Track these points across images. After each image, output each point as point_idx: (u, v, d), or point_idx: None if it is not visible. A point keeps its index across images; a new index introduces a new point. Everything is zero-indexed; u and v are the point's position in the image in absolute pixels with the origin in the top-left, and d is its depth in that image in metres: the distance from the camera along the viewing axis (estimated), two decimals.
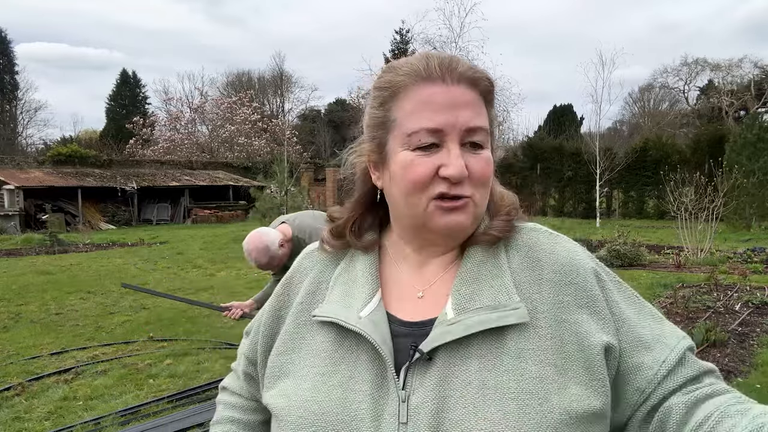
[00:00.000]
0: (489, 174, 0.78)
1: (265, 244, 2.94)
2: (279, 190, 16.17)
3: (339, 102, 42.95)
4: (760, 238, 13.69)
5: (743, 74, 34.90)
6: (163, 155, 32.18)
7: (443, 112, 0.75)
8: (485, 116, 0.79)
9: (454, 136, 0.75)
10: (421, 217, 0.78)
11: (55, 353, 5.54)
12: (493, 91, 0.81)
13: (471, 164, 0.76)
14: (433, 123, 0.75)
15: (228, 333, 6.10)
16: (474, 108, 0.77)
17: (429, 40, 29.14)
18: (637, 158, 21.70)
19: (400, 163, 0.77)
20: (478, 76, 0.78)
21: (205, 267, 11.31)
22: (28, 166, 23.52)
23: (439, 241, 0.82)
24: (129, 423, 3.88)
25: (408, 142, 0.76)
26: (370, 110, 0.82)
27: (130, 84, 45.05)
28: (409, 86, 0.77)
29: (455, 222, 0.77)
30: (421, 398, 0.70)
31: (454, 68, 0.77)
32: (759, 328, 5.94)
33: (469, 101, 0.77)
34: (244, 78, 44.76)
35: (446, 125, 0.75)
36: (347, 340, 0.78)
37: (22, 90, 41.66)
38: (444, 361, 0.72)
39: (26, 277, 10.24)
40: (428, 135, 0.75)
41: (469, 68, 0.79)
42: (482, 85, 0.79)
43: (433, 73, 0.76)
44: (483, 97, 0.79)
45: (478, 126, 0.76)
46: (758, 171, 15.97)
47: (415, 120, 0.76)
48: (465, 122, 0.75)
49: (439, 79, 0.76)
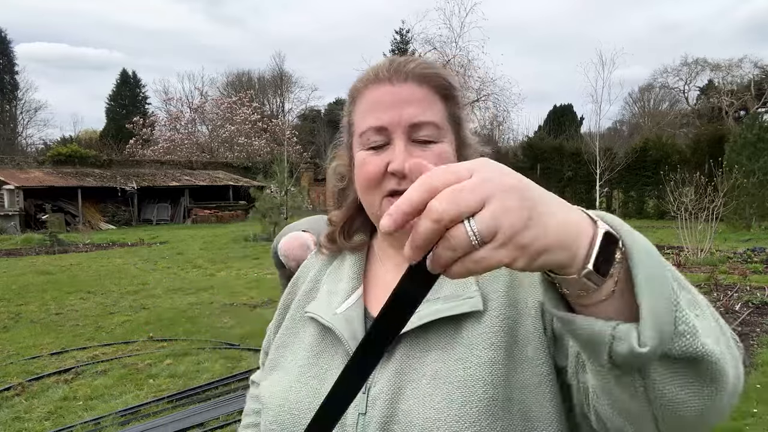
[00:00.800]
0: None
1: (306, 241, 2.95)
2: (279, 190, 16.16)
3: (339, 102, 42.94)
4: (760, 238, 13.69)
5: (743, 74, 34.96)
6: (163, 155, 32.18)
7: (388, 111, 0.77)
8: (437, 112, 0.79)
9: (399, 133, 0.77)
10: (377, 215, 0.80)
11: (55, 353, 5.54)
12: (450, 88, 0.81)
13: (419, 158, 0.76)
14: (379, 121, 0.78)
15: (228, 333, 6.11)
16: (421, 104, 0.78)
17: (429, 39, 29.19)
18: (637, 158, 21.71)
19: (357, 164, 0.81)
20: (428, 73, 0.79)
21: (205, 267, 11.31)
22: (28, 166, 23.52)
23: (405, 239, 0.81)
24: (129, 423, 3.88)
25: (361, 143, 0.80)
26: (343, 116, 0.88)
27: (130, 84, 45.07)
28: (363, 90, 0.82)
29: None
30: (379, 389, 0.73)
31: (403, 68, 0.79)
32: (759, 328, 5.94)
33: (416, 98, 0.78)
34: (244, 78, 44.78)
35: (390, 123, 0.77)
36: (329, 335, 0.82)
37: (22, 90, 41.73)
38: (403, 354, 0.75)
39: (26, 277, 10.24)
40: (375, 133, 0.78)
41: (421, 66, 0.80)
42: (434, 82, 0.80)
43: (381, 75, 0.80)
44: (437, 94, 0.80)
45: (423, 121, 0.77)
46: (758, 171, 15.97)
47: (364, 120, 0.80)
48: (409, 118, 0.77)
49: (386, 80, 0.79)
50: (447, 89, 0.81)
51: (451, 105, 0.82)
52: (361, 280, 0.86)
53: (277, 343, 0.90)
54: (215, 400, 4.21)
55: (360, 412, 0.73)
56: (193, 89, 43.10)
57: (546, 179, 24.76)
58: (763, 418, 3.78)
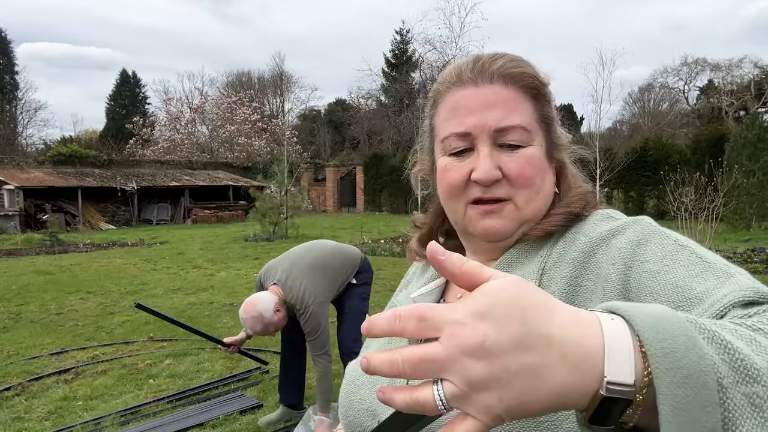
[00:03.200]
0: (529, 173, 0.74)
1: (259, 312, 2.94)
2: (279, 190, 16.14)
3: (339, 102, 42.96)
4: (760, 238, 13.69)
5: (743, 74, 34.93)
6: (163, 155, 32.17)
7: (471, 115, 0.74)
8: (524, 114, 0.75)
9: (484, 138, 0.74)
10: (461, 222, 0.79)
11: (55, 353, 5.54)
12: (542, 87, 0.77)
13: (506, 165, 0.74)
14: (461, 127, 0.75)
15: (228, 333, 6.10)
16: (507, 106, 0.74)
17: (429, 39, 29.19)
18: (637, 158, 21.70)
19: (439, 170, 0.79)
20: (516, 72, 0.75)
21: (205, 267, 11.31)
22: (28, 166, 23.51)
23: (485, 246, 0.81)
24: (129, 423, 3.88)
25: (443, 148, 0.78)
26: (425, 119, 0.85)
27: (130, 84, 45.08)
28: (445, 93, 0.78)
29: (489, 227, 0.76)
30: None
31: (488, 68, 0.75)
32: None
33: (501, 100, 0.74)
34: (244, 78, 44.77)
35: (474, 128, 0.74)
36: None
37: (22, 90, 41.71)
38: None
39: (26, 277, 10.24)
40: (458, 140, 0.75)
41: (507, 64, 0.75)
42: (522, 81, 0.75)
43: (464, 76, 0.76)
44: (526, 93, 0.76)
45: (509, 125, 0.73)
46: (758, 171, 15.97)
47: (446, 126, 0.77)
48: (494, 123, 0.73)
49: (470, 82, 0.75)
50: (536, 88, 0.76)
51: (542, 104, 0.77)
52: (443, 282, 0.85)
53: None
54: (215, 400, 4.21)
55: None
56: (193, 89, 43.14)
57: None
58: None
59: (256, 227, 16.57)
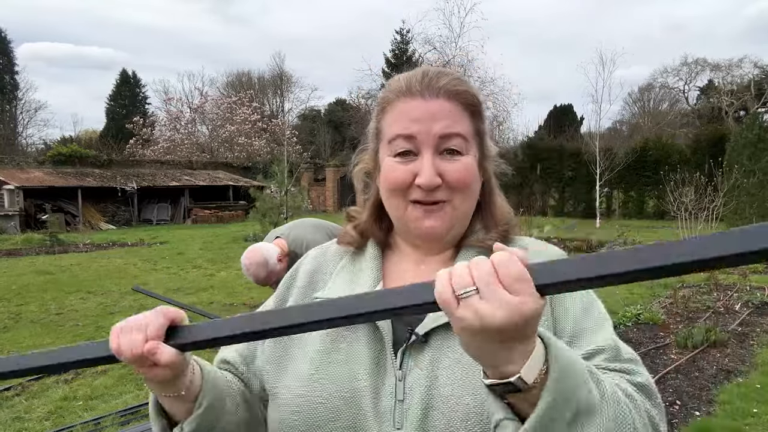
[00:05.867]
0: (466, 179, 0.84)
1: (264, 257, 2.93)
2: (279, 190, 16.15)
3: (339, 102, 42.95)
4: None
5: (743, 74, 34.94)
6: (163, 155, 32.15)
7: (418, 122, 0.82)
8: (464, 125, 0.84)
9: (428, 144, 0.82)
10: (402, 219, 0.87)
11: None
12: (478, 105, 0.87)
13: (446, 170, 0.82)
14: (408, 130, 0.83)
15: None
16: (451, 118, 0.83)
17: (429, 40, 29.20)
18: (637, 158, 21.70)
19: (384, 169, 0.86)
20: (458, 90, 0.84)
21: (205, 267, 11.31)
22: (28, 166, 23.51)
23: (424, 244, 0.89)
24: (129, 423, 3.88)
25: (389, 149, 0.85)
26: (371, 123, 0.92)
27: (130, 84, 45.05)
28: (394, 101, 0.86)
29: (429, 227, 0.84)
30: (416, 377, 0.77)
31: (435, 83, 0.84)
32: (759, 328, 5.94)
33: (446, 112, 0.83)
34: (244, 78, 44.75)
35: (420, 132, 0.82)
36: None
37: (22, 90, 41.68)
38: (438, 343, 0.79)
39: (26, 277, 10.24)
40: (404, 141, 0.83)
41: (453, 82, 0.85)
42: (463, 98, 0.85)
43: (414, 89, 0.84)
44: (466, 109, 0.85)
45: (452, 132, 0.82)
46: (758, 171, 15.97)
47: (394, 128, 0.85)
48: (439, 130, 0.82)
49: (419, 94, 0.84)
50: (474, 105, 0.86)
51: (477, 120, 0.87)
52: (381, 274, 0.90)
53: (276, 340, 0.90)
54: None
55: (398, 399, 0.76)
56: (193, 89, 43.12)
57: (546, 179, 24.77)
58: (763, 418, 3.78)
59: (256, 227, 16.56)
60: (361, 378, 0.78)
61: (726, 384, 4.41)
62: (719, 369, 4.76)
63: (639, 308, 6.50)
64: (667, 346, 5.36)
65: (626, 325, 6.08)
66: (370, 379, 0.78)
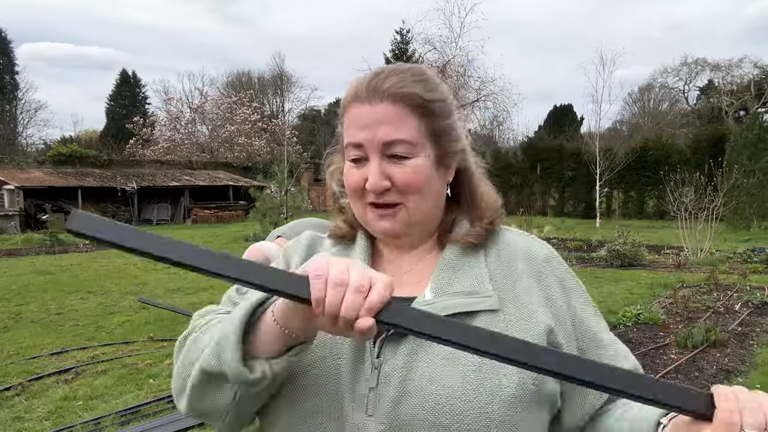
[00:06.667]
0: (415, 181, 0.84)
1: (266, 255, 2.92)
2: (279, 190, 16.16)
3: (339, 102, 42.85)
4: (760, 238, 13.70)
5: (743, 74, 34.92)
6: (163, 155, 32.15)
7: (364, 130, 0.84)
8: (409, 129, 0.83)
9: (374, 152, 0.83)
10: (363, 219, 0.89)
11: (55, 353, 5.54)
12: (425, 104, 0.84)
13: (394, 174, 0.83)
14: (356, 139, 0.84)
15: None
16: (395, 123, 0.83)
17: (429, 40, 29.16)
18: (637, 158, 21.71)
19: (344, 173, 0.89)
20: (403, 93, 0.83)
21: None
22: (28, 166, 23.51)
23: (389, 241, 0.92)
24: (129, 423, 3.89)
25: (346, 154, 0.88)
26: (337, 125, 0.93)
27: (130, 84, 45.05)
28: (347, 107, 0.88)
29: (386, 228, 0.86)
30: (392, 366, 0.78)
31: (380, 87, 0.83)
32: (759, 328, 5.94)
33: (390, 117, 0.83)
34: (244, 78, 44.75)
35: (365, 141, 0.83)
36: None
37: (22, 90, 41.67)
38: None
39: (26, 277, 10.24)
40: (354, 149, 0.85)
41: (397, 84, 0.83)
42: (408, 100, 0.83)
43: (360, 94, 0.85)
44: (413, 111, 0.83)
45: (396, 139, 0.82)
46: (758, 171, 15.98)
47: (346, 136, 0.87)
48: (382, 137, 0.82)
49: (366, 100, 0.84)
50: (422, 106, 0.84)
51: (429, 120, 0.85)
52: (371, 264, 0.92)
53: None
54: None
55: (371, 386, 0.77)
56: (193, 89, 43.10)
57: (546, 179, 24.77)
58: None
59: (256, 227, 16.57)
60: (342, 364, 0.80)
61: (726, 384, 4.41)
62: (719, 369, 4.76)
63: (639, 308, 6.50)
64: (667, 346, 5.36)
65: (626, 325, 6.09)
66: (349, 365, 0.79)
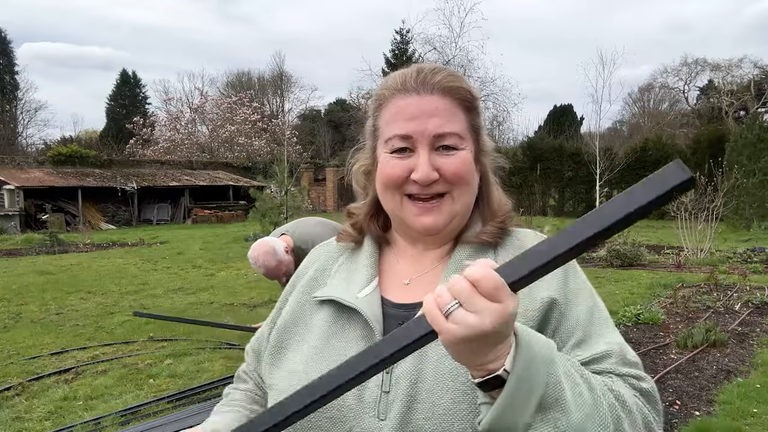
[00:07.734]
0: (463, 172, 0.85)
1: (272, 247, 2.92)
2: (279, 190, 16.15)
3: (339, 102, 42.95)
4: (760, 238, 13.69)
5: (743, 74, 34.92)
6: (163, 155, 32.16)
7: (414, 121, 0.84)
8: (459, 122, 0.85)
9: (424, 142, 0.84)
10: (398, 212, 0.88)
11: (55, 353, 5.54)
12: (473, 100, 0.88)
13: (443, 165, 0.84)
14: (404, 130, 0.84)
15: (228, 333, 6.10)
16: (445, 115, 0.84)
17: (429, 40, 29.18)
18: (637, 158, 21.70)
19: (380, 164, 0.88)
20: (453, 86, 0.85)
21: (205, 267, 11.31)
22: (28, 166, 23.50)
23: (422, 239, 0.91)
24: (129, 423, 3.88)
25: (387, 147, 0.87)
26: (368, 120, 0.94)
27: (131, 84, 45.06)
28: (389, 98, 0.87)
29: (427, 224, 0.86)
30: (402, 370, 0.79)
31: (430, 80, 0.85)
32: (759, 328, 5.94)
33: (441, 109, 0.84)
34: (244, 78, 44.75)
35: (415, 132, 0.83)
36: (341, 318, 0.88)
37: (22, 90, 41.67)
38: None
39: (26, 277, 10.24)
40: (400, 140, 0.85)
41: (447, 78, 0.85)
42: (458, 94, 0.85)
43: (408, 85, 0.85)
44: (460, 105, 0.86)
45: (447, 132, 0.84)
46: (758, 171, 15.98)
47: (391, 128, 0.86)
48: (434, 129, 0.83)
49: (414, 91, 0.85)
50: (469, 101, 0.87)
51: (473, 115, 0.88)
52: (377, 270, 0.92)
53: (280, 327, 0.94)
54: (215, 400, 4.20)
55: (384, 390, 0.78)
56: (193, 89, 43.09)
57: (546, 179, 24.76)
58: (763, 418, 3.78)
59: (256, 227, 16.56)
60: None
61: (726, 384, 4.41)
62: (719, 369, 4.76)
63: (639, 308, 6.50)
64: (666, 346, 5.36)
65: (626, 325, 6.08)
66: None
